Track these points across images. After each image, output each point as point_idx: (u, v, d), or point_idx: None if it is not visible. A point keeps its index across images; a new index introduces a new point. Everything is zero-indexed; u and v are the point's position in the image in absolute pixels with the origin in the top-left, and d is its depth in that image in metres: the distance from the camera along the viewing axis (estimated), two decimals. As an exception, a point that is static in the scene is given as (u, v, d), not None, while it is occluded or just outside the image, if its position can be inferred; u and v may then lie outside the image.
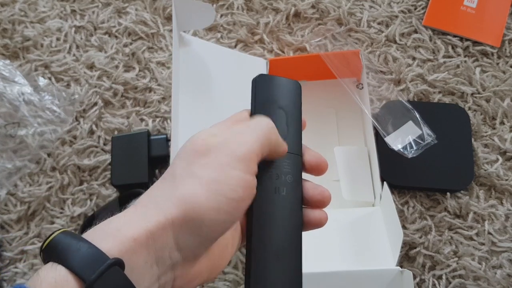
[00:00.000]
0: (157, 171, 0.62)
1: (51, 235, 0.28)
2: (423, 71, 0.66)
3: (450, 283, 0.55)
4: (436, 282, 0.55)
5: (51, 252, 0.27)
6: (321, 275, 0.47)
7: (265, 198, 0.32)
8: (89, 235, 0.28)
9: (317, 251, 0.53)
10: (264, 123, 0.32)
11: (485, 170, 0.60)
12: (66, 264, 0.26)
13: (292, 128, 0.35)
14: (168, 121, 0.65)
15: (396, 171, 0.59)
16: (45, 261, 0.28)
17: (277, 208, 0.32)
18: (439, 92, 0.65)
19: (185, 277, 0.30)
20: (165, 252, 0.28)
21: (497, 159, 0.61)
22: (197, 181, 0.29)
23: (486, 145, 0.62)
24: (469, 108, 0.64)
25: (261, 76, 0.36)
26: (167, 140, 0.61)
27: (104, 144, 0.64)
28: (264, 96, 0.36)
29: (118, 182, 0.59)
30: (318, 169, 0.35)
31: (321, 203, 0.34)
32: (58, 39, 0.70)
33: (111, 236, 0.27)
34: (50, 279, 0.26)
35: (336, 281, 0.48)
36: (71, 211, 0.61)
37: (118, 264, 0.26)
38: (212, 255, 0.31)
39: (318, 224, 0.34)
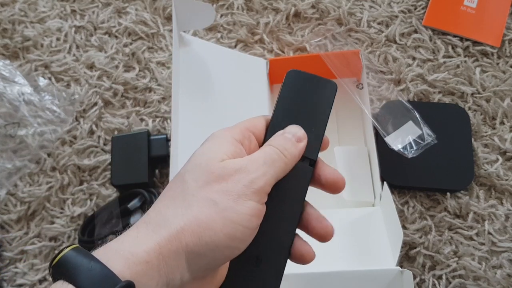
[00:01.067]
0: (157, 171, 0.62)
1: (61, 251, 0.28)
2: (423, 71, 0.66)
3: (450, 283, 0.55)
4: (436, 282, 0.55)
5: (61, 270, 0.27)
6: (321, 275, 0.47)
7: None
8: (100, 254, 0.27)
9: (317, 251, 0.53)
10: (286, 155, 0.31)
11: (485, 170, 0.60)
12: (77, 284, 0.26)
13: (313, 130, 0.33)
14: (168, 121, 0.65)
15: (396, 171, 0.59)
16: (54, 278, 0.27)
17: (271, 213, 0.31)
18: (439, 92, 0.65)
19: None
20: (176, 274, 0.28)
21: (497, 159, 0.61)
22: (214, 208, 0.28)
23: (486, 145, 0.62)
24: (469, 108, 0.64)
25: (292, 71, 0.34)
26: (167, 140, 0.61)
27: (104, 144, 0.64)
28: (291, 94, 0.34)
29: (118, 182, 0.59)
30: (335, 187, 0.33)
31: (321, 238, 0.33)
32: (58, 39, 0.70)
33: (124, 258, 0.27)
34: None
35: (336, 281, 0.48)
36: (71, 211, 0.61)
37: (129, 286, 0.26)
38: (219, 269, 0.31)
39: (301, 260, 0.33)
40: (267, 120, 0.34)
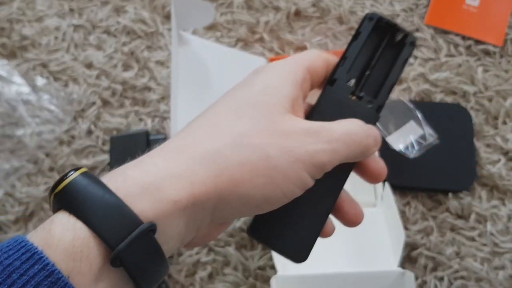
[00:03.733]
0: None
1: (67, 175, 0.23)
2: (425, 70, 0.65)
3: (451, 284, 0.55)
4: (437, 283, 0.55)
5: (67, 199, 0.22)
6: (322, 276, 0.47)
7: None
8: (119, 185, 0.23)
9: (318, 252, 0.53)
10: (366, 145, 0.28)
11: (487, 171, 0.59)
12: (88, 223, 0.21)
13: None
14: (167, 120, 0.64)
15: (397, 172, 0.59)
16: (55, 209, 0.22)
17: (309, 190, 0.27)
18: (441, 92, 0.64)
19: (202, 237, 0.27)
20: (198, 216, 0.25)
21: (499, 159, 0.60)
22: (263, 162, 0.25)
23: (488, 145, 0.62)
24: (471, 108, 0.63)
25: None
26: (167, 140, 0.61)
27: (103, 144, 0.64)
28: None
29: (116, 182, 0.59)
30: (378, 177, 0.30)
31: (350, 223, 0.31)
32: (56, 38, 0.69)
33: (148, 195, 0.23)
34: (67, 241, 0.21)
35: (337, 282, 0.47)
36: (70, 211, 0.60)
37: (152, 231, 0.22)
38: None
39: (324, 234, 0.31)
40: (328, 63, 0.30)
